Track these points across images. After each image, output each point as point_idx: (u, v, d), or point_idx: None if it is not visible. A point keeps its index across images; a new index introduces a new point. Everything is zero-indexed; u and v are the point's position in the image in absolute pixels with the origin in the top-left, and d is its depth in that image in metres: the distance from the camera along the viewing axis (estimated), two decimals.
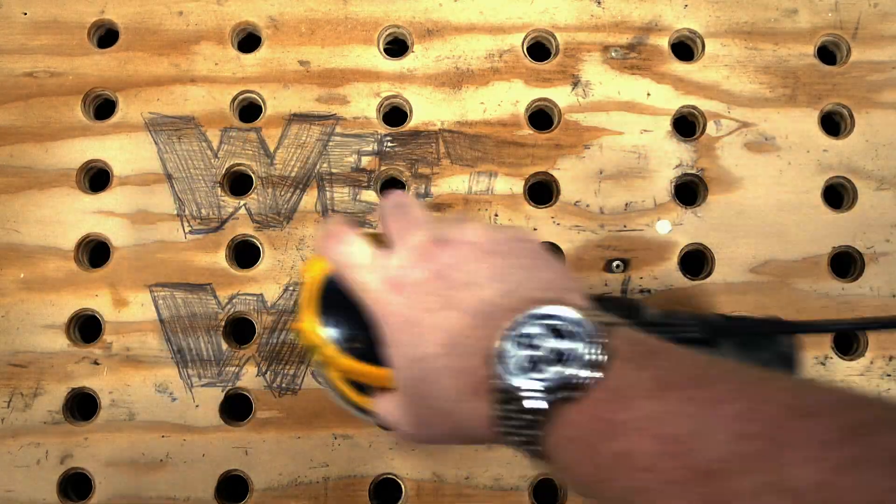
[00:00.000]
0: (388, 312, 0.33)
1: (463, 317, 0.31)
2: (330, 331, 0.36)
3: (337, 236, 0.36)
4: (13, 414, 0.49)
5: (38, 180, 0.52)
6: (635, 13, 0.55)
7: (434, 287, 0.32)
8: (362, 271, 0.35)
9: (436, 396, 0.32)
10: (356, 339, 0.36)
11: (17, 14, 0.54)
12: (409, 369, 0.33)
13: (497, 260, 0.33)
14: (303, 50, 0.54)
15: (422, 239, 0.34)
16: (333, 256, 0.36)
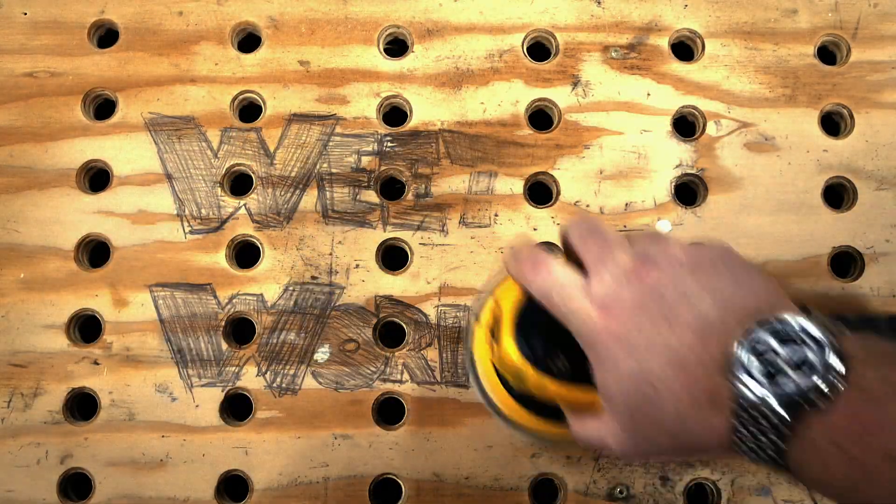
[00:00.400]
0: (602, 336, 0.33)
1: (684, 332, 0.31)
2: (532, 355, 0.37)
3: (538, 263, 0.36)
4: (13, 414, 0.50)
5: (38, 180, 0.52)
6: (635, 13, 0.55)
7: (649, 308, 0.32)
8: (569, 297, 0.34)
9: (664, 413, 0.32)
10: (558, 362, 0.37)
11: (17, 14, 0.54)
12: (630, 390, 0.33)
13: (704, 275, 0.33)
14: (303, 50, 0.54)
15: (626, 260, 0.34)
16: (536, 284, 0.36)
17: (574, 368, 0.36)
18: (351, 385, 0.50)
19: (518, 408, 0.41)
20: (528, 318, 0.37)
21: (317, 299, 0.51)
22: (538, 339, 0.37)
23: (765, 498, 0.49)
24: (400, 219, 0.52)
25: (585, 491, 0.49)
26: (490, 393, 0.43)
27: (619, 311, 0.33)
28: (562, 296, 0.35)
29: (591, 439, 0.37)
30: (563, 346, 0.36)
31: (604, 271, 0.34)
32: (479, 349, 0.43)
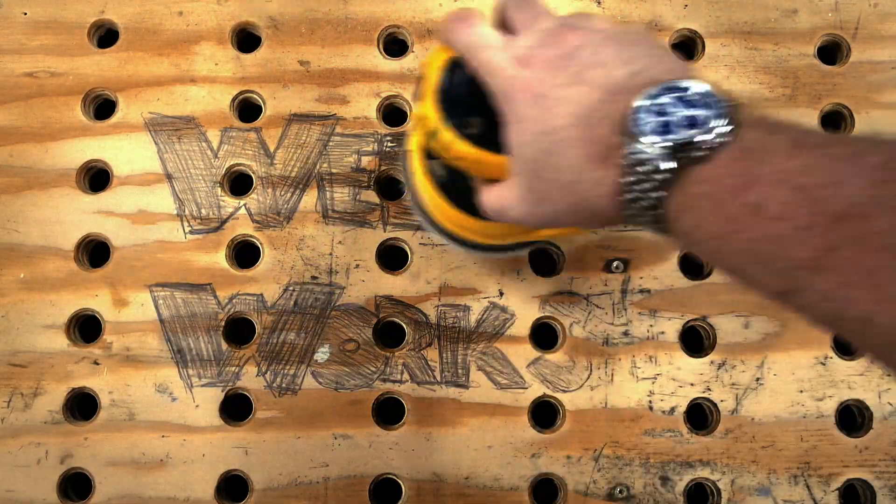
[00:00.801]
0: (516, 88, 0.34)
1: (593, 91, 0.32)
2: (448, 116, 0.37)
3: (465, 19, 0.37)
4: (13, 414, 0.49)
5: (38, 180, 0.52)
6: (635, 13, 0.55)
7: (564, 65, 0.33)
8: (490, 50, 0.35)
9: (562, 168, 0.33)
10: (474, 124, 0.37)
11: (17, 14, 0.54)
12: (535, 143, 0.34)
13: (624, 45, 0.34)
14: (303, 50, 0.54)
15: (550, 24, 0.35)
16: (460, 38, 0.37)
17: (488, 134, 0.36)
18: (351, 385, 0.50)
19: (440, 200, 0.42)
20: (452, 78, 0.38)
21: (317, 299, 0.51)
22: (457, 104, 0.37)
23: (765, 498, 0.49)
24: (400, 219, 0.52)
25: (585, 491, 0.49)
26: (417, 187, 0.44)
27: (535, 65, 0.34)
28: (483, 49, 0.36)
29: (494, 204, 0.38)
30: (480, 112, 0.36)
31: (528, 32, 0.36)
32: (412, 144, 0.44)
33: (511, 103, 0.34)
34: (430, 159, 0.42)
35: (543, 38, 0.35)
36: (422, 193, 0.44)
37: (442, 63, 0.38)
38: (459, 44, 0.37)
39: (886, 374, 0.51)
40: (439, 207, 0.43)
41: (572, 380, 0.50)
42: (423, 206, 0.44)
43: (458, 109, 0.37)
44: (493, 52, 0.35)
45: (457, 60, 0.38)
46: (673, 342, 0.51)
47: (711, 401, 0.50)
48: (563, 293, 0.51)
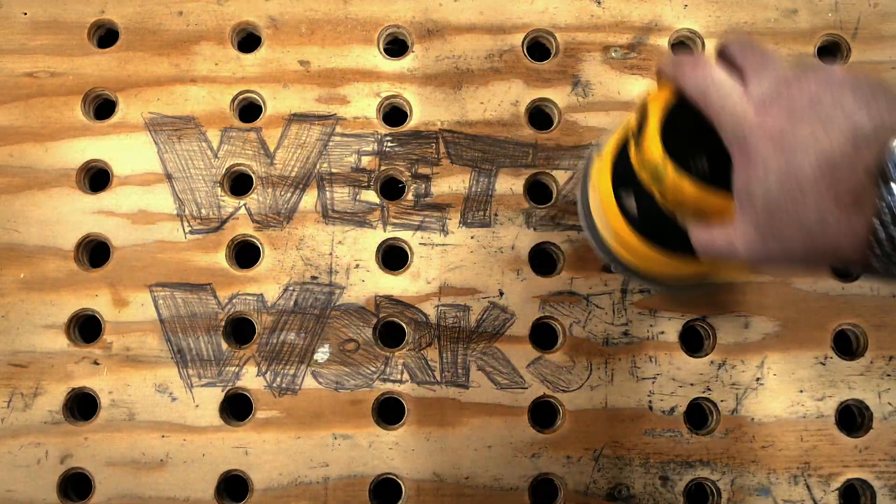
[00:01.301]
0: (756, 134, 0.34)
1: (838, 139, 0.32)
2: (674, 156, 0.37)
3: (697, 63, 0.37)
4: (13, 414, 0.50)
5: (38, 180, 0.52)
6: (635, 13, 0.55)
7: (806, 113, 0.33)
8: (725, 95, 0.35)
9: (806, 215, 0.33)
10: (700, 165, 0.37)
11: (17, 14, 0.54)
12: (776, 190, 0.33)
13: (864, 93, 0.33)
14: (303, 50, 0.54)
15: (783, 69, 0.35)
16: (693, 81, 0.36)
17: (713, 173, 0.36)
18: (351, 385, 0.50)
19: (632, 236, 0.42)
20: (674, 119, 0.38)
21: (317, 299, 0.51)
22: (682, 141, 0.37)
23: (765, 498, 0.49)
24: (400, 219, 0.52)
25: (585, 491, 0.49)
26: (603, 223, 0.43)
27: (775, 110, 0.34)
28: (719, 93, 0.35)
29: (715, 245, 0.37)
30: (706, 149, 0.36)
31: (764, 76, 0.35)
32: (599, 177, 0.43)
33: (749, 148, 0.34)
34: (623, 193, 0.41)
35: (781, 84, 0.34)
36: (607, 226, 0.43)
37: (664, 103, 0.38)
38: (692, 87, 0.36)
39: (886, 374, 0.51)
40: (629, 243, 0.43)
41: (572, 380, 0.50)
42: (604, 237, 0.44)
43: (684, 150, 0.37)
44: (729, 97, 0.35)
45: (680, 101, 0.37)
46: (673, 342, 0.51)
47: (711, 401, 0.50)
48: (563, 293, 0.51)
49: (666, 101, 0.38)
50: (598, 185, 0.43)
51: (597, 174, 0.44)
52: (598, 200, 0.44)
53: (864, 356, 0.51)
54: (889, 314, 0.51)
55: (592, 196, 0.44)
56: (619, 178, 0.42)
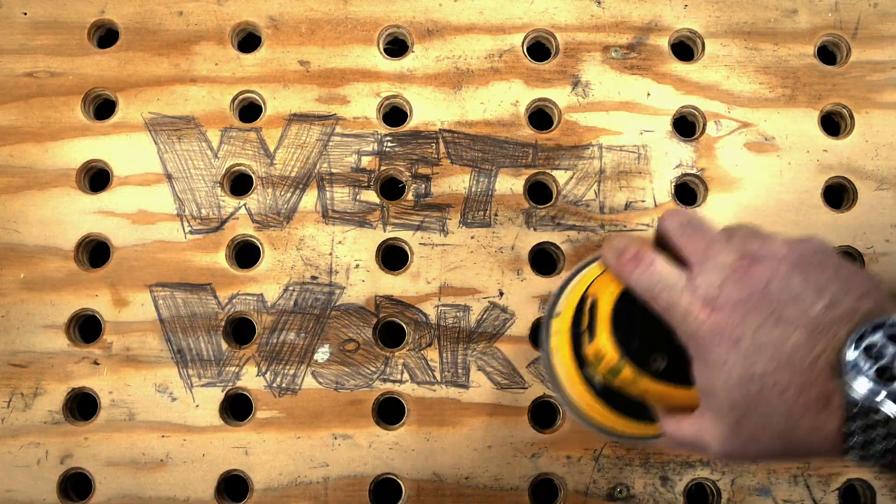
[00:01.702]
0: (708, 333, 0.33)
1: (794, 332, 0.31)
2: (628, 352, 0.36)
3: (640, 259, 0.36)
4: (13, 414, 0.50)
5: (38, 180, 0.52)
6: (635, 13, 0.55)
7: (756, 306, 0.32)
8: (673, 293, 0.34)
9: (773, 415, 0.32)
10: (657, 360, 0.36)
11: (17, 14, 0.54)
12: (738, 388, 0.32)
13: (809, 272, 0.33)
14: (303, 50, 0.54)
15: (730, 257, 0.34)
16: (638, 280, 0.36)
17: (672, 366, 0.36)
18: (351, 385, 0.50)
19: (598, 405, 0.41)
20: (624, 313, 0.37)
21: (317, 299, 0.51)
22: (635, 336, 0.37)
23: (765, 498, 0.49)
24: (400, 219, 0.52)
25: (585, 491, 0.49)
26: (568, 389, 0.42)
27: (724, 307, 0.33)
28: (665, 291, 0.34)
29: (686, 439, 0.36)
30: (660, 343, 0.36)
31: (708, 267, 0.34)
32: (559, 344, 0.42)
33: (704, 348, 0.33)
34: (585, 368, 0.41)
35: (727, 274, 0.33)
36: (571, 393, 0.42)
37: (612, 296, 0.37)
38: (638, 286, 0.36)
39: None
40: (595, 409, 0.42)
41: None
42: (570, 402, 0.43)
43: (638, 344, 0.36)
44: (676, 295, 0.34)
45: (628, 292, 0.37)
46: None
47: None
48: None
49: (613, 293, 0.37)
50: (558, 350, 0.43)
51: (556, 336, 0.43)
52: (559, 362, 0.43)
53: None
54: None
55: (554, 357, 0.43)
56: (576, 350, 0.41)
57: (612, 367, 0.37)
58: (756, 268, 0.33)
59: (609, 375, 0.38)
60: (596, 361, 0.38)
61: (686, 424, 0.36)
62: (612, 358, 0.37)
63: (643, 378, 0.36)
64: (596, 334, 0.38)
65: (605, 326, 0.37)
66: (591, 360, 0.39)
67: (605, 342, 0.37)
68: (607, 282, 0.38)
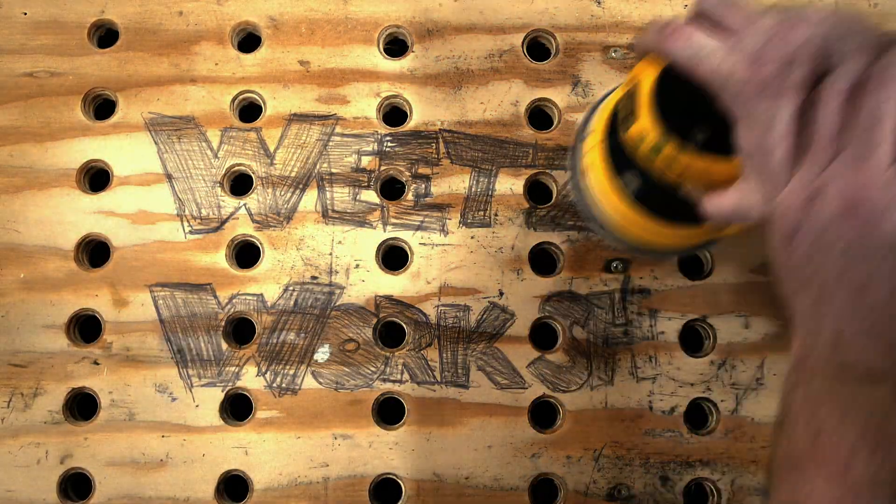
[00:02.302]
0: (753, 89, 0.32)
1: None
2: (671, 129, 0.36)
3: (679, 30, 0.36)
4: (13, 414, 0.50)
5: (38, 180, 0.52)
6: (635, 13, 0.55)
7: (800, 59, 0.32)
8: (716, 57, 0.34)
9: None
10: (699, 133, 0.36)
11: (17, 14, 0.54)
12: None
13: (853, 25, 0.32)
14: (303, 50, 0.54)
15: (771, 20, 0.34)
16: (680, 49, 0.35)
17: (714, 139, 0.35)
18: (351, 385, 0.50)
19: (634, 214, 0.41)
20: (665, 90, 0.37)
21: (317, 299, 0.51)
22: (676, 111, 0.36)
23: (765, 498, 0.49)
24: (400, 219, 0.52)
25: (585, 491, 0.49)
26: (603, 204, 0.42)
27: (769, 62, 0.32)
28: (708, 57, 0.34)
29: (733, 208, 0.36)
30: (702, 115, 0.35)
31: (750, 30, 0.34)
32: (592, 160, 0.42)
33: (749, 105, 0.33)
34: (622, 172, 0.41)
35: (770, 34, 0.33)
36: (607, 209, 0.43)
37: (653, 75, 0.37)
38: (680, 55, 0.35)
39: None
40: (632, 220, 0.42)
41: (572, 380, 0.50)
42: (606, 221, 0.43)
43: (680, 121, 0.36)
44: (720, 59, 0.34)
45: (667, 71, 0.37)
46: (673, 342, 0.51)
47: (711, 401, 0.50)
48: (563, 293, 0.51)
49: (652, 73, 0.37)
50: (591, 165, 0.43)
51: (589, 152, 0.43)
52: (593, 180, 0.43)
53: None
54: None
55: (586, 176, 0.43)
56: (614, 157, 0.41)
57: (654, 144, 0.36)
58: (799, 25, 0.33)
59: (651, 154, 0.37)
60: (637, 142, 0.38)
61: (727, 196, 0.36)
62: (654, 135, 0.36)
63: (685, 153, 0.36)
64: (637, 115, 0.37)
65: (646, 105, 0.37)
66: (633, 143, 0.38)
67: (646, 120, 0.37)
68: (646, 65, 0.38)
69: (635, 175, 0.40)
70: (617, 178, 0.41)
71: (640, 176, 0.39)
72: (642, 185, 0.40)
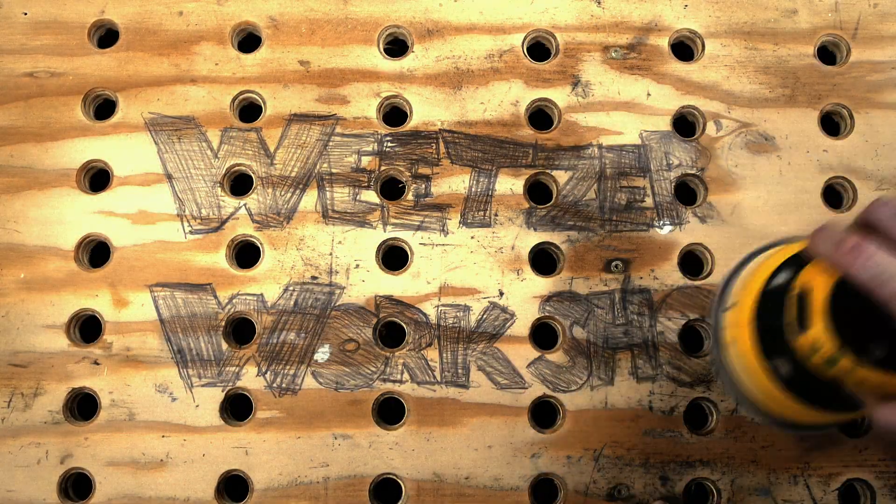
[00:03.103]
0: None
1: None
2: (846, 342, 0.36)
3: (860, 249, 0.36)
4: (13, 414, 0.50)
5: (38, 180, 0.52)
6: (635, 13, 0.55)
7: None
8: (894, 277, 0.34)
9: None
10: (877, 349, 0.36)
11: (17, 14, 0.54)
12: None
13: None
14: (303, 50, 0.54)
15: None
16: (860, 270, 0.36)
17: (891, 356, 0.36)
18: (351, 385, 0.50)
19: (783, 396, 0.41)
20: (841, 303, 0.37)
21: (317, 299, 0.51)
22: (853, 326, 0.36)
23: (765, 498, 0.49)
24: (400, 219, 0.52)
25: (585, 491, 0.49)
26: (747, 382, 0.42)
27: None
28: (891, 280, 0.34)
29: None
30: (879, 332, 0.35)
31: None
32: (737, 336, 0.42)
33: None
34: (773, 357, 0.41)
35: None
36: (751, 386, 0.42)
37: (827, 285, 0.37)
38: (860, 276, 0.36)
39: None
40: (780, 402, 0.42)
41: (572, 380, 0.50)
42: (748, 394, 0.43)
43: (855, 334, 0.36)
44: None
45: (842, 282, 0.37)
46: (673, 342, 0.51)
47: (711, 401, 0.50)
48: (563, 293, 0.51)
49: (827, 283, 0.37)
50: (737, 342, 0.42)
51: (734, 328, 0.43)
52: (740, 356, 0.42)
53: None
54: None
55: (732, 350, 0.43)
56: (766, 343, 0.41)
57: (830, 356, 0.37)
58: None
59: (825, 365, 0.37)
60: (811, 352, 0.38)
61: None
62: (829, 348, 0.36)
63: (862, 367, 0.36)
64: (811, 324, 0.37)
65: (820, 316, 0.37)
66: (804, 351, 0.38)
67: (821, 332, 0.37)
68: (817, 272, 0.38)
69: (788, 361, 0.40)
70: (767, 361, 0.41)
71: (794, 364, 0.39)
72: (796, 374, 0.40)
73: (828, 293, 0.37)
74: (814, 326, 0.37)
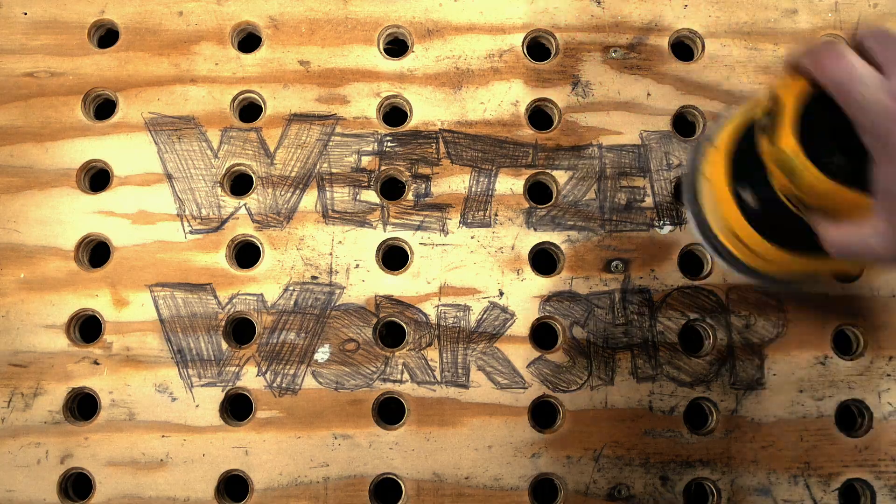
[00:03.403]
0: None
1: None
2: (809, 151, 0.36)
3: (837, 53, 0.35)
4: (13, 414, 0.50)
5: (38, 180, 0.52)
6: (635, 13, 0.55)
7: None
8: (866, 87, 0.34)
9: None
10: (837, 161, 0.36)
11: (17, 14, 0.54)
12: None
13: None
14: (303, 50, 0.54)
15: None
16: (833, 73, 0.35)
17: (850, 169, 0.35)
18: (351, 385, 0.50)
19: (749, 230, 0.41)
20: (810, 113, 0.37)
21: (317, 299, 0.51)
22: (818, 135, 0.36)
23: (765, 498, 0.49)
24: (400, 219, 0.52)
25: (585, 491, 0.49)
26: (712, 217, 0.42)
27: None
28: (860, 86, 0.34)
29: (849, 243, 0.36)
30: (842, 144, 0.35)
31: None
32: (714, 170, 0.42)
33: (892, 141, 0.33)
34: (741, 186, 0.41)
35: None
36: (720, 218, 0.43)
37: (799, 95, 0.37)
38: (831, 80, 0.35)
39: (886, 374, 0.51)
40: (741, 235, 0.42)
41: (572, 380, 0.50)
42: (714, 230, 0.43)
43: (820, 145, 0.36)
44: (871, 91, 0.34)
45: (815, 95, 0.37)
46: (673, 342, 0.51)
47: (711, 401, 0.51)
48: (563, 293, 0.51)
49: (801, 93, 0.37)
50: (712, 177, 0.43)
51: (711, 165, 0.43)
52: (711, 192, 0.43)
53: (864, 356, 0.51)
54: (889, 314, 0.51)
55: (704, 187, 0.44)
56: (737, 171, 0.41)
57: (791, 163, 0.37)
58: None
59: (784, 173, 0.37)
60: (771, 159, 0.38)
61: (851, 228, 0.36)
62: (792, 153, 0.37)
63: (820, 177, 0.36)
64: (778, 131, 0.37)
65: (790, 123, 0.37)
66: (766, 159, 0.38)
67: (786, 137, 0.37)
68: (795, 84, 0.38)
69: (758, 192, 0.40)
70: (736, 193, 0.41)
71: (763, 194, 0.39)
72: (763, 204, 0.40)
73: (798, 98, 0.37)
74: (780, 131, 0.37)
